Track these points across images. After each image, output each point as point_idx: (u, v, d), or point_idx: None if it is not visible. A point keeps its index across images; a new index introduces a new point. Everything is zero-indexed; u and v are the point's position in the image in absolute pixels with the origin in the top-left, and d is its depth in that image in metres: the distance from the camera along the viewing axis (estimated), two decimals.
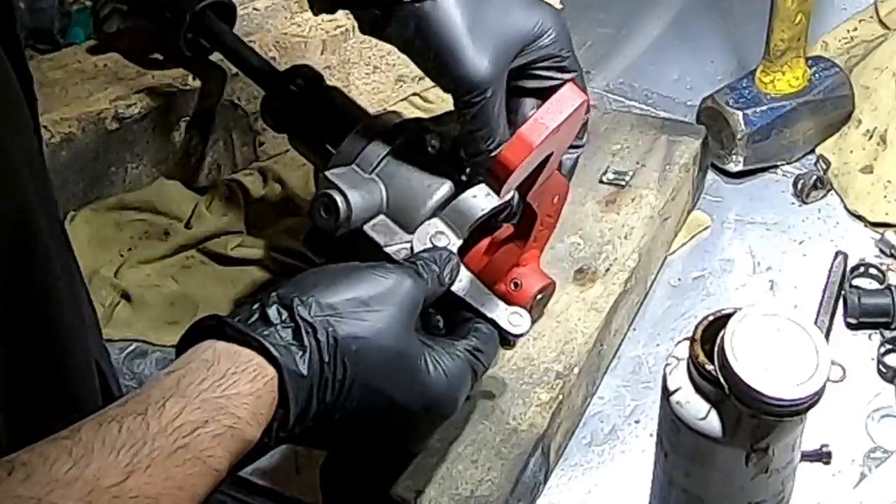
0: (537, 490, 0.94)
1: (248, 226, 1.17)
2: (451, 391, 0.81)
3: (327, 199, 0.92)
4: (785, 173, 1.21)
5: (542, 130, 0.81)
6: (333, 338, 0.76)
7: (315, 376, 0.75)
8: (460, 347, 0.83)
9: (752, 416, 0.79)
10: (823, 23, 1.33)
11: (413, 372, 0.80)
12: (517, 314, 0.88)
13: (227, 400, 0.70)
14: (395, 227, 0.92)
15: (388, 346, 0.78)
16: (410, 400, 0.79)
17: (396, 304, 0.79)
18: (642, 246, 1.06)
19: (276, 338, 0.74)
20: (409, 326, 0.80)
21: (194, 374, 0.71)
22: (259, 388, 0.72)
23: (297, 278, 0.80)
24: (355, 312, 0.77)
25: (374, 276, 0.80)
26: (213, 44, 1.15)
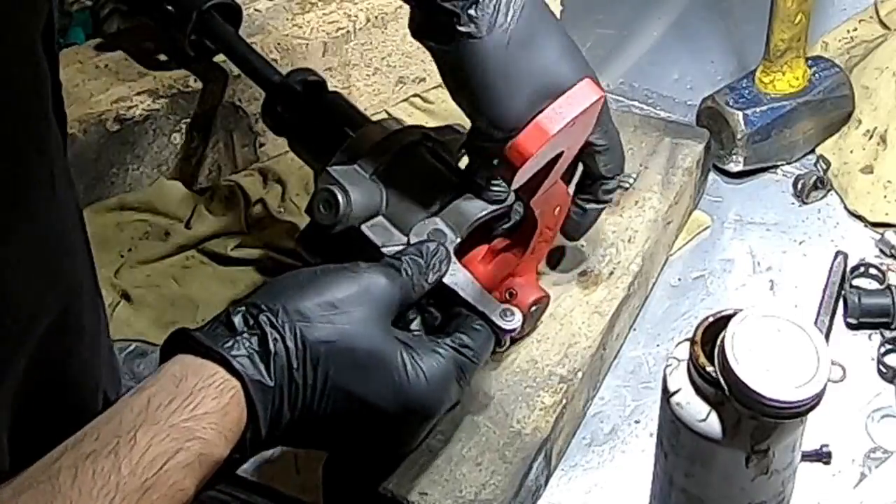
0: (538, 493, 0.94)
1: (248, 226, 1.17)
2: (432, 391, 0.80)
3: (328, 193, 0.92)
4: (785, 173, 1.21)
5: (560, 120, 0.80)
6: (302, 343, 0.76)
7: (284, 383, 0.75)
8: (444, 346, 0.82)
9: (752, 418, 0.79)
10: (823, 23, 1.33)
11: (388, 373, 0.79)
12: (509, 310, 0.87)
13: (195, 422, 0.70)
14: (392, 228, 0.92)
15: (360, 348, 0.78)
16: (386, 401, 0.79)
17: (368, 304, 0.79)
18: (646, 250, 1.06)
19: (240, 348, 0.74)
20: (384, 326, 0.80)
21: (163, 393, 0.71)
22: (225, 404, 0.72)
23: (267, 284, 0.80)
24: (324, 315, 0.77)
25: (345, 278, 0.80)
26: (218, 45, 1.15)
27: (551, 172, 0.86)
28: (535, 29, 0.87)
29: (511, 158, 0.80)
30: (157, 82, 1.18)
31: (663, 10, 1.41)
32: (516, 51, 0.86)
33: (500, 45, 0.86)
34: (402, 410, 0.80)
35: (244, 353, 0.74)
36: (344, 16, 1.24)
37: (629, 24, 1.39)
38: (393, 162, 0.95)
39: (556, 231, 0.95)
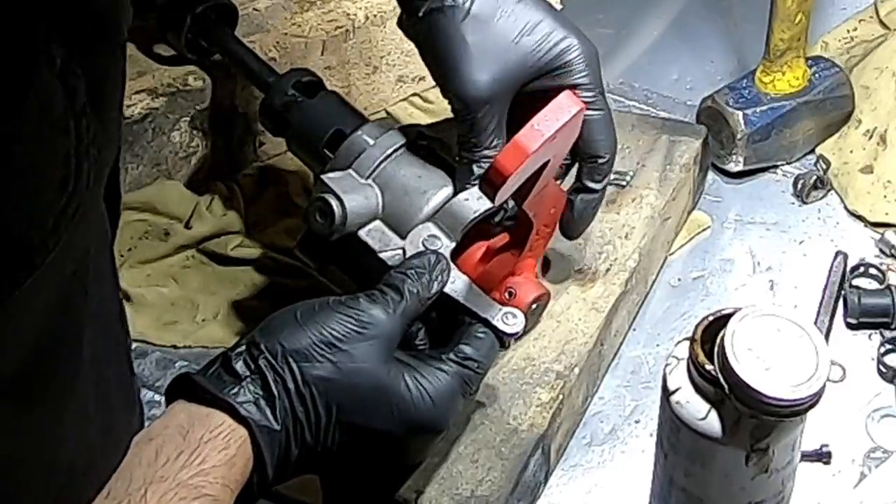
0: (538, 490, 0.94)
1: (248, 226, 1.17)
2: (438, 410, 0.80)
3: (323, 203, 0.92)
4: (785, 173, 1.21)
5: (538, 137, 0.81)
6: (303, 383, 0.76)
7: (289, 425, 0.76)
8: (448, 361, 0.82)
9: (752, 417, 0.79)
10: (823, 23, 1.33)
11: (392, 401, 0.79)
12: (510, 314, 0.87)
13: (203, 477, 0.71)
14: (389, 232, 0.92)
15: (362, 384, 0.78)
16: (392, 427, 0.79)
17: (368, 339, 0.79)
18: (643, 246, 1.06)
19: (245, 393, 0.75)
20: (385, 357, 0.79)
21: (171, 445, 0.72)
22: (232, 455, 0.73)
23: (265, 322, 0.80)
24: (324, 354, 0.77)
25: (344, 315, 0.79)
26: (214, 46, 1.15)
27: (541, 177, 0.86)
28: (500, 3, 0.89)
29: (491, 177, 0.81)
30: (156, 81, 1.18)
31: (663, 10, 1.41)
32: (478, 24, 0.88)
33: (462, 17, 0.88)
34: (410, 433, 0.80)
35: (250, 399, 0.74)
36: (343, 14, 1.24)
37: (628, 24, 1.39)
38: (389, 163, 0.95)
39: (554, 228, 0.95)
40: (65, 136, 0.53)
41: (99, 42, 0.56)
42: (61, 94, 0.53)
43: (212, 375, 0.76)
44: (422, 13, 0.90)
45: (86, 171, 0.54)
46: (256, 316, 1.08)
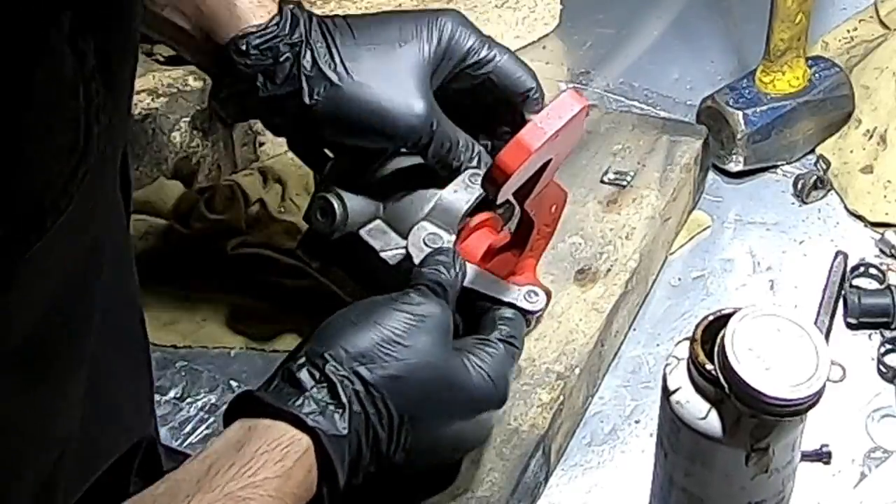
0: (538, 490, 0.94)
1: (248, 226, 1.17)
2: (498, 389, 0.82)
3: (324, 202, 0.92)
4: (785, 173, 1.21)
5: (541, 135, 0.81)
6: (371, 385, 0.76)
7: (360, 429, 0.75)
8: (494, 340, 0.84)
9: (752, 416, 0.79)
10: (823, 23, 1.33)
11: (458, 388, 0.80)
12: (531, 291, 0.89)
13: (252, 489, 0.70)
14: (391, 232, 0.92)
15: (429, 377, 0.78)
16: (462, 414, 0.80)
17: (427, 332, 0.79)
18: (643, 246, 1.06)
19: (311, 403, 0.74)
20: (446, 349, 0.80)
21: (224, 458, 0.71)
22: (289, 468, 0.72)
23: (319, 330, 0.79)
24: (387, 353, 0.77)
25: (401, 311, 0.80)
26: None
27: (542, 176, 0.86)
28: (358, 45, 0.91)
29: (494, 175, 0.81)
30: (156, 82, 1.18)
31: (663, 10, 1.41)
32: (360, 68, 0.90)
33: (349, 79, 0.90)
34: (478, 416, 0.81)
35: (315, 409, 0.74)
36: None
37: (629, 24, 1.39)
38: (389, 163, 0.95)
39: (555, 228, 0.95)
40: (74, 99, 0.53)
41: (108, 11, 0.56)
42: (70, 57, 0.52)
43: (274, 390, 0.75)
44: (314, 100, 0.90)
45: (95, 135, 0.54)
46: (256, 316, 1.09)
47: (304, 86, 0.90)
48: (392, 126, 0.90)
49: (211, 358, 1.07)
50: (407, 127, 0.90)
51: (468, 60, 0.94)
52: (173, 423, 1.01)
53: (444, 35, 0.93)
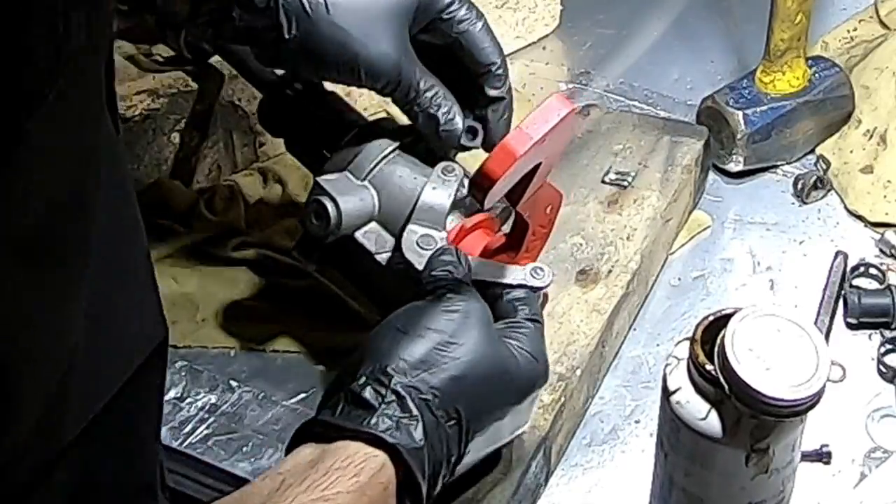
0: (538, 491, 0.94)
1: (248, 226, 1.17)
2: (542, 363, 0.84)
3: (318, 205, 0.92)
4: (785, 173, 1.21)
5: (526, 140, 0.80)
6: (437, 390, 0.76)
7: (434, 439, 0.75)
8: (523, 321, 0.85)
9: (752, 417, 0.79)
10: (823, 23, 1.33)
11: (511, 374, 0.81)
12: (537, 268, 0.90)
13: (325, 502, 0.69)
14: (386, 234, 0.93)
15: (484, 371, 0.79)
16: (518, 398, 0.82)
17: (475, 328, 0.80)
18: (644, 248, 1.06)
19: (386, 420, 0.74)
20: (493, 339, 0.81)
21: (296, 475, 0.71)
22: (363, 484, 0.71)
23: (371, 347, 0.79)
24: (444, 355, 0.78)
25: (446, 311, 0.80)
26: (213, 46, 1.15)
27: (534, 179, 0.86)
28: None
29: (479, 181, 0.81)
30: (156, 82, 1.18)
31: (663, 10, 1.41)
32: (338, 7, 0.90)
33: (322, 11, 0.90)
34: (530, 395, 0.83)
35: (391, 426, 0.74)
36: None
37: (629, 24, 1.39)
38: (385, 164, 0.95)
39: (551, 229, 0.95)
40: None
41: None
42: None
43: (342, 413, 0.75)
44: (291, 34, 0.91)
45: (75, 23, 0.54)
46: (256, 316, 1.09)
47: (283, 19, 0.90)
48: (360, 65, 0.91)
49: (211, 358, 1.07)
50: (374, 68, 0.91)
51: (444, 14, 0.94)
52: (173, 422, 1.01)
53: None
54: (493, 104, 0.96)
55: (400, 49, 0.92)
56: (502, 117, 0.96)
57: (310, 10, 0.90)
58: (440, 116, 0.93)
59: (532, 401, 0.85)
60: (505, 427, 0.83)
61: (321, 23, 0.90)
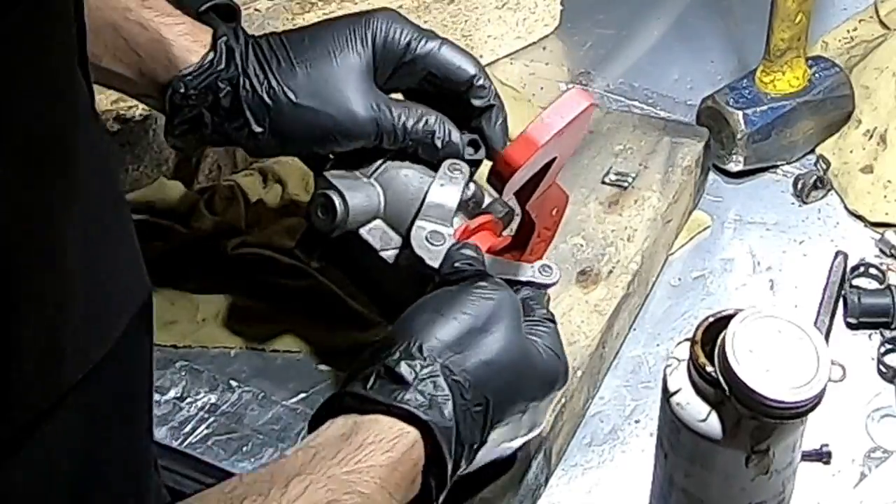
0: (538, 492, 0.94)
1: (248, 226, 1.17)
2: (563, 362, 0.85)
3: (325, 199, 0.92)
4: (785, 173, 1.21)
5: (548, 130, 0.81)
6: (468, 372, 0.77)
7: (461, 419, 0.76)
8: (541, 319, 0.85)
9: (752, 418, 0.79)
10: (823, 23, 1.33)
11: (535, 368, 0.82)
12: (545, 266, 0.91)
13: (357, 475, 0.69)
14: (391, 231, 0.93)
15: (511, 360, 0.80)
16: (541, 393, 0.83)
17: (506, 317, 0.81)
18: (645, 248, 1.06)
19: (420, 397, 0.74)
20: (521, 331, 0.82)
21: (330, 448, 0.71)
22: (396, 459, 0.72)
23: (401, 325, 0.80)
24: (476, 340, 0.79)
25: (481, 298, 0.81)
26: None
27: (545, 177, 0.86)
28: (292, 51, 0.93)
29: (500, 169, 0.81)
30: None
31: (663, 10, 1.41)
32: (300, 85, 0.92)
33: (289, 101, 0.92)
34: (551, 392, 0.84)
35: (424, 402, 0.74)
36: None
37: (629, 24, 1.39)
38: (390, 164, 0.95)
39: (555, 231, 0.95)
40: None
41: None
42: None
43: (375, 386, 0.75)
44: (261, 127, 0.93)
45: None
46: (256, 316, 1.09)
47: (249, 116, 0.92)
48: (336, 136, 0.93)
49: (211, 358, 1.07)
50: (351, 133, 0.93)
51: (406, 58, 0.94)
52: (173, 422, 1.01)
53: (378, 37, 0.94)
54: (485, 113, 0.96)
55: (370, 105, 0.92)
56: (497, 123, 0.97)
57: (271, 103, 0.92)
58: (437, 142, 0.94)
59: (550, 401, 0.85)
60: (524, 423, 0.83)
61: (286, 110, 0.92)
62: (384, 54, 0.94)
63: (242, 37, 0.94)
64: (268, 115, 0.92)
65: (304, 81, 0.92)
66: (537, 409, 0.84)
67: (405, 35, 0.94)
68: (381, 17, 0.94)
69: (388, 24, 0.94)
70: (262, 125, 0.92)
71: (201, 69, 0.92)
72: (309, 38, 0.94)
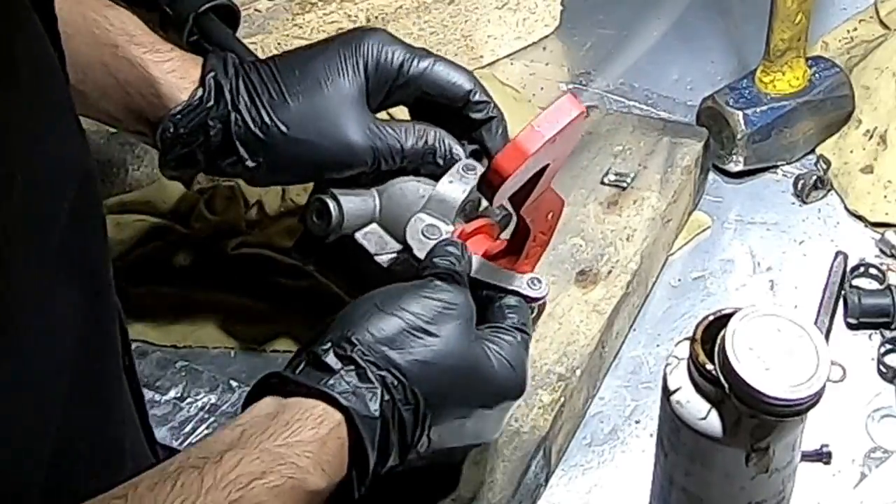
0: (538, 492, 0.94)
1: (248, 226, 1.17)
2: (519, 376, 0.83)
3: (320, 203, 0.92)
4: (785, 173, 1.21)
5: (538, 139, 0.80)
6: (399, 370, 0.76)
7: (388, 414, 0.75)
8: (509, 328, 0.84)
9: (752, 416, 0.79)
10: (823, 23, 1.33)
11: (482, 376, 0.80)
12: (534, 279, 0.90)
13: (288, 448, 0.69)
14: (386, 236, 0.93)
15: (454, 365, 0.78)
16: (485, 402, 0.81)
17: (454, 320, 0.80)
18: (644, 248, 1.06)
19: (342, 384, 0.74)
20: (471, 337, 0.81)
21: (257, 426, 0.71)
22: (324, 434, 0.72)
23: (342, 315, 0.79)
24: (414, 339, 0.78)
25: (429, 298, 0.80)
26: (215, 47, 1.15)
27: (539, 183, 0.86)
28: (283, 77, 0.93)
29: (490, 178, 0.80)
30: None
31: (663, 10, 1.41)
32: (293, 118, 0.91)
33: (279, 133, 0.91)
34: (501, 403, 0.82)
35: (348, 390, 0.74)
36: (344, 16, 1.24)
37: (629, 24, 1.39)
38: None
39: (551, 235, 0.94)
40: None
41: None
42: None
43: (302, 372, 0.75)
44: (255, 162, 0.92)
45: None
46: (256, 316, 1.09)
47: (242, 152, 0.92)
48: (334, 165, 0.92)
49: (211, 358, 1.07)
50: (348, 163, 0.92)
51: (399, 80, 0.94)
52: (173, 422, 1.01)
53: (370, 61, 0.93)
54: (485, 125, 0.96)
55: (365, 132, 0.92)
56: (497, 133, 0.97)
57: (264, 137, 0.91)
58: (438, 160, 0.93)
59: (503, 411, 0.83)
60: (468, 430, 0.81)
61: (280, 144, 0.91)
62: (377, 78, 0.93)
63: (232, 68, 0.93)
64: (262, 150, 0.92)
65: (297, 114, 0.91)
66: (485, 417, 0.82)
67: (397, 57, 0.94)
68: (371, 40, 0.94)
69: (379, 46, 0.93)
70: (256, 160, 0.92)
71: (190, 108, 0.91)
72: (300, 69, 0.93)
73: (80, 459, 0.69)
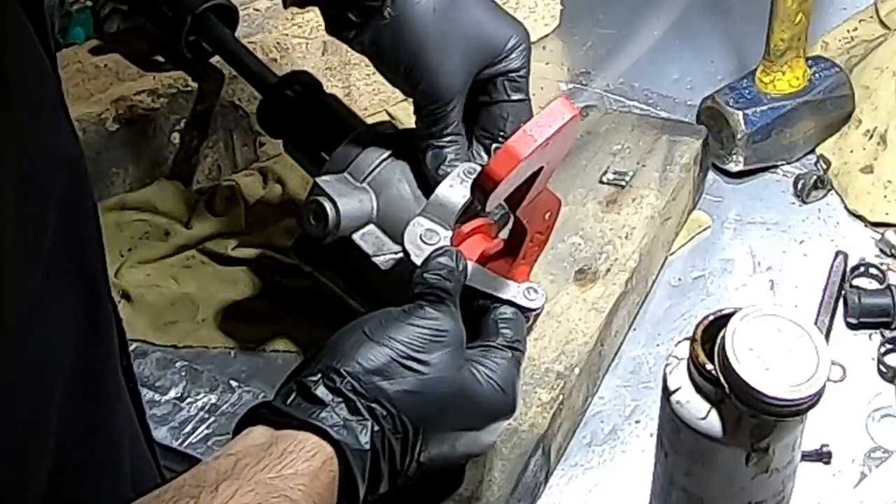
0: (538, 490, 0.94)
1: (248, 226, 1.17)
2: (509, 396, 0.82)
3: (316, 205, 0.92)
4: (785, 173, 1.21)
5: (530, 143, 0.80)
6: (388, 401, 0.76)
7: (378, 445, 0.75)
8: (500, 346, 0.83)
9: (752, 416, 0.79)
10: (823, 23, 1.33)
11: (472, 401, 0.80)
12: (531, 289, 0.89)
13: (283, 481, 0.69)
14: (384, 237, 0.92)
15: (443, 392, 0.78)
16: (476, 425, 0.80)
17: (444, 348, 0.79)
18: (643, 246, 1.06)
19: (333, 417, 0.74)
20: (461, 362, 0.80)
21: (251, 456, 0.70)
22: (317, 468, 0.71)
23: (332, 344, 0.78)
24: (403, 368, 0.77)
25: (417, 326, 0.79)
26: (214, 47, 1.15)
27: (535, 184, 0.86)
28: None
29: (482, 183, 0.80)
30: (156, 82, 1.18)
31: (663, 10, 1.41)
32: (441, 17, 0.92)
33: (427, 13, 0.91)
34: (491, 425, 0.82)
35: (339, 423, 0.74)
36: None
37: (629, 24, 1.39)
38: (385, 167, 0.95)
39: (549, 235, 0.94)
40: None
41: None
42: None
43: (293, 403, 0.75)
44: (388, 17, 0.92)
45: None
46: (256, 316, 1.09)
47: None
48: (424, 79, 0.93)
49: (211, 358, 1.07)
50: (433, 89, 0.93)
51: (500, 79, 0.96)
52: (173, 422, 1.01)
53: (510, 43, 0.95)
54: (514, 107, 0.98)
55: (463, 85, 0.93)
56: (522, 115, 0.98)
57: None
58: (443, 169, 0.94)
59: (495, 429, 0.83)
60: (458, 450, 0.81)
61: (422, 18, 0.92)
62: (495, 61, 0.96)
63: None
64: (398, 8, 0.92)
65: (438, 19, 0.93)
66: (475, 437, 0.82)
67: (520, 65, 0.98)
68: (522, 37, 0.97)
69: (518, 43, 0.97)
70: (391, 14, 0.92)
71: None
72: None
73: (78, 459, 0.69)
